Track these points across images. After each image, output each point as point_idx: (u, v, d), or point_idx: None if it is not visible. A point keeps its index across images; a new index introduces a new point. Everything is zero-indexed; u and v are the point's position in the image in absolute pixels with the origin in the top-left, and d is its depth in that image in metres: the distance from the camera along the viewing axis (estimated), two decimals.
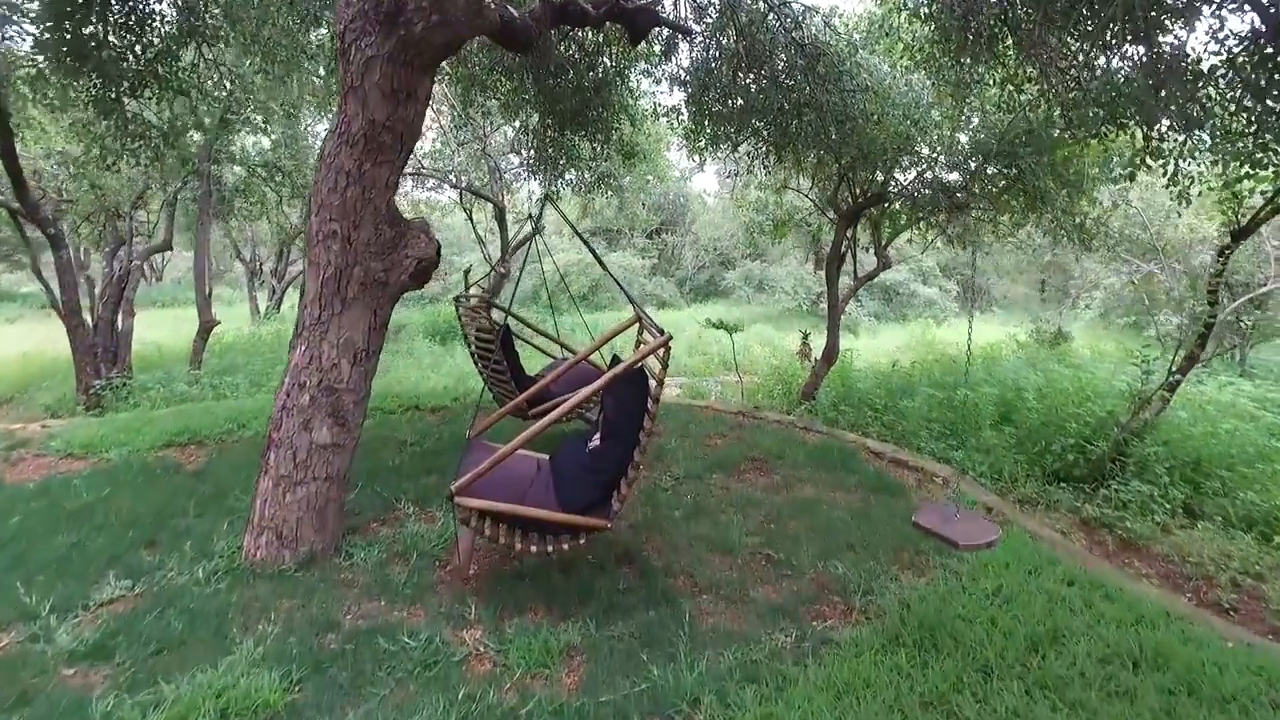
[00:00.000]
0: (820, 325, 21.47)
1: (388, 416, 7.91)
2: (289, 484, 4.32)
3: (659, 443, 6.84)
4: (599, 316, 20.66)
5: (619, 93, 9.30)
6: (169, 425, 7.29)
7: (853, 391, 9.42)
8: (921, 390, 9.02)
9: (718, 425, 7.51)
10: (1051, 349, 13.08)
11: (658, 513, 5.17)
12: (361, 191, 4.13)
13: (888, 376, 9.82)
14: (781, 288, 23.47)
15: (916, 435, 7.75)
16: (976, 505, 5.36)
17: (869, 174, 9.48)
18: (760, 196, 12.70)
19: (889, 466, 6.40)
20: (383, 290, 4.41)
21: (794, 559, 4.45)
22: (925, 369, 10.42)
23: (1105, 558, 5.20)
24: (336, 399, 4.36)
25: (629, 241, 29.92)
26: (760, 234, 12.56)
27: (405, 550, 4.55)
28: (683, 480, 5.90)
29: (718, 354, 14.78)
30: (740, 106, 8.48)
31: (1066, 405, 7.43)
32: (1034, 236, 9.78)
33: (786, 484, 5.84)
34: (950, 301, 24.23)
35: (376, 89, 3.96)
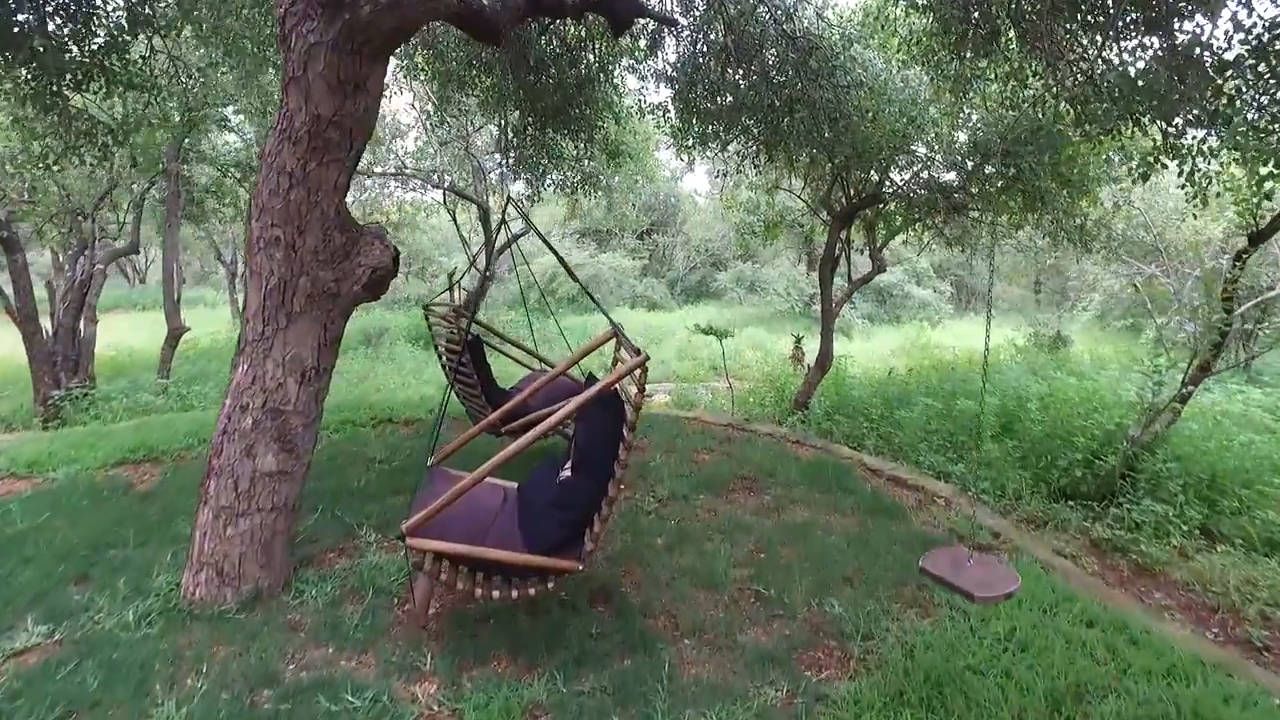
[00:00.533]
0: (813, 327, 21.13)
1: (358, 430, 7.50)
2: (230, 516, 3.91)
3: (642, 460, 6.46)
4: (587, 320, 20.24)
5: (603, 90, 8.91)
6: (124, 440, 6.87)
7: (847, 400, 9.06)
8: (919, 399, 8.67)
9: (706, 439, 7.13)
10: (1051, 354, 12.73)
11: (639, 540, 4.78)
12: (307, 194, 3.73)
13: (884, 384, 9.46)
14: (774, 289, 23.12)
15: (914, 448, 7.40)
16: (979, 535, 4.99)
17: (863, 174, 9.12)
18: (751, 197, 12.32)
19: (887, 485, 6.03)
20: (333, 302, 4.02)
21: (786, 595, 4.06)
22: (922, 376, 10.06)
23: (1120, 584, 4.84)
24: (283, 422, 3.96)
25: (619, 242, 29.53)
26: (751, 235, 12.17)
27: (362, 585, 4.16)
28: (667, 502, 5.52)
29: (708, 359, 14.41)
30: (729, 103, 8.11)
31: (1072, 417, 7.07)
32: (1034, 239, 9.42)
33: (778, 505, 5.47)
34: (944, 303, 23.92)
35: (321, 80, 3.56)
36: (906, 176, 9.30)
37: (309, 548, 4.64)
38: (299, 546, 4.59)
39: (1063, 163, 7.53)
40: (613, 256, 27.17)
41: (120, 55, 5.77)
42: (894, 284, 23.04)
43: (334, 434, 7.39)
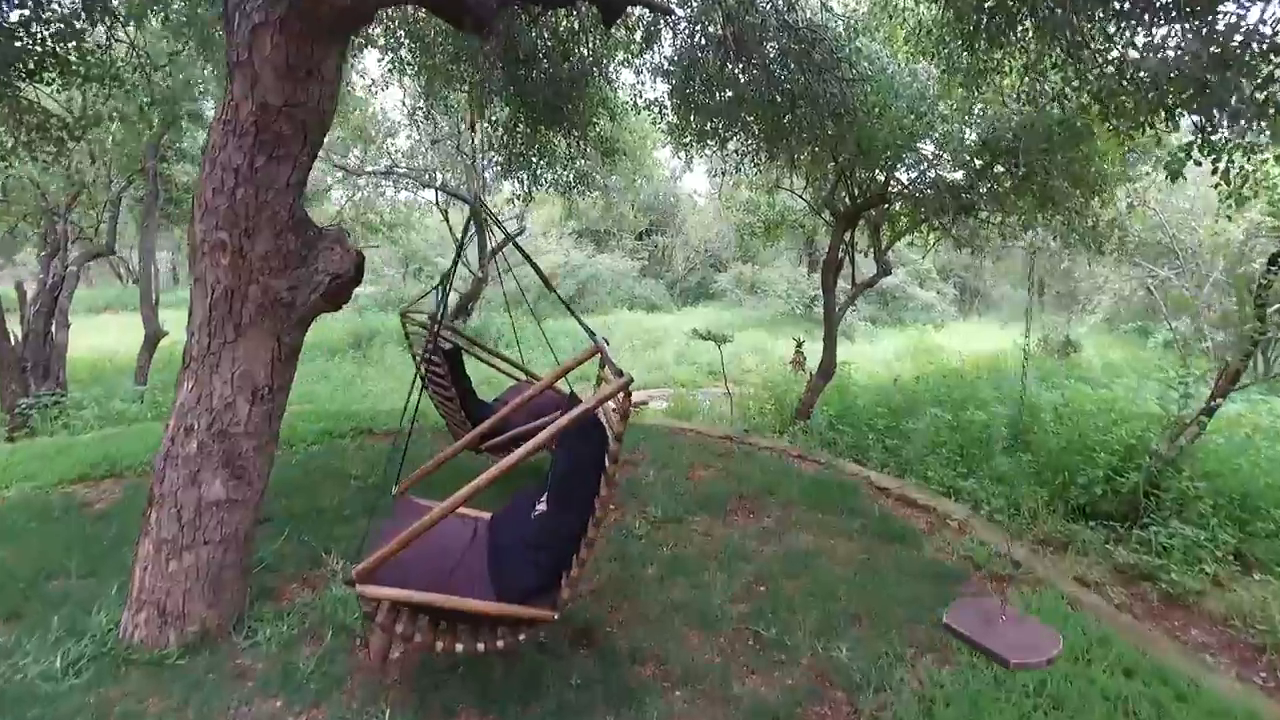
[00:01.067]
0: (814, 329, 20.76)
1: (336, 443, 7.12)
2: (174, 549, 3.53)
3: (635, 476, 6.07)
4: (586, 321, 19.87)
5: (596, 85, 8.53)
6: (88, 453, 6.50)
7: (851, 409, 8.67)
8: (926, 409, 8.29)
9: (703, 452, 6.75)
10: (1061, 359, 12.35)
11: (627, 570, 4.40)
12: (255, 193, 3.35)
13: (889, 392, 9.06)
14: (774, 291, 22.72)
15: (922, 461, 7.01)
16: (998, 563, 4.60)
17: (868, 173, 8.74)
18: (751, 197, 11.94)
19: (896, 505, 5.65)
20: (288, 313, 3.62)
21: (788, 636, 3.68)
22: (929, 384, 9.67)
23: (1150, 617, 4.46)
24: (231, 445, 3.57)
25: (618, 243, 29.15)
26: (751, 236, 11.80)
27: (322, 622, 3.77)
28: (660, 524, 5.13)
29: (707, 363, 14.03)
30: (728, 99, 7.73)
31: (1089, 429, 6.68)
32: (1049, 241, 9.03)
33: (780, 529, 5.08)
34: (947, 305, 23.53)
35: (268, 65, 3.17)
36: (913, 176, 8.93)
37: (268, 578, 4.26)
38: (258, 576, 4.20)
39: (1078, 160, 7.15)
40: (611, 257, 26.80)
41: (77, 44, 5.39)
42: (897, 286, 22.65)
43: (312, 446, 7.02)
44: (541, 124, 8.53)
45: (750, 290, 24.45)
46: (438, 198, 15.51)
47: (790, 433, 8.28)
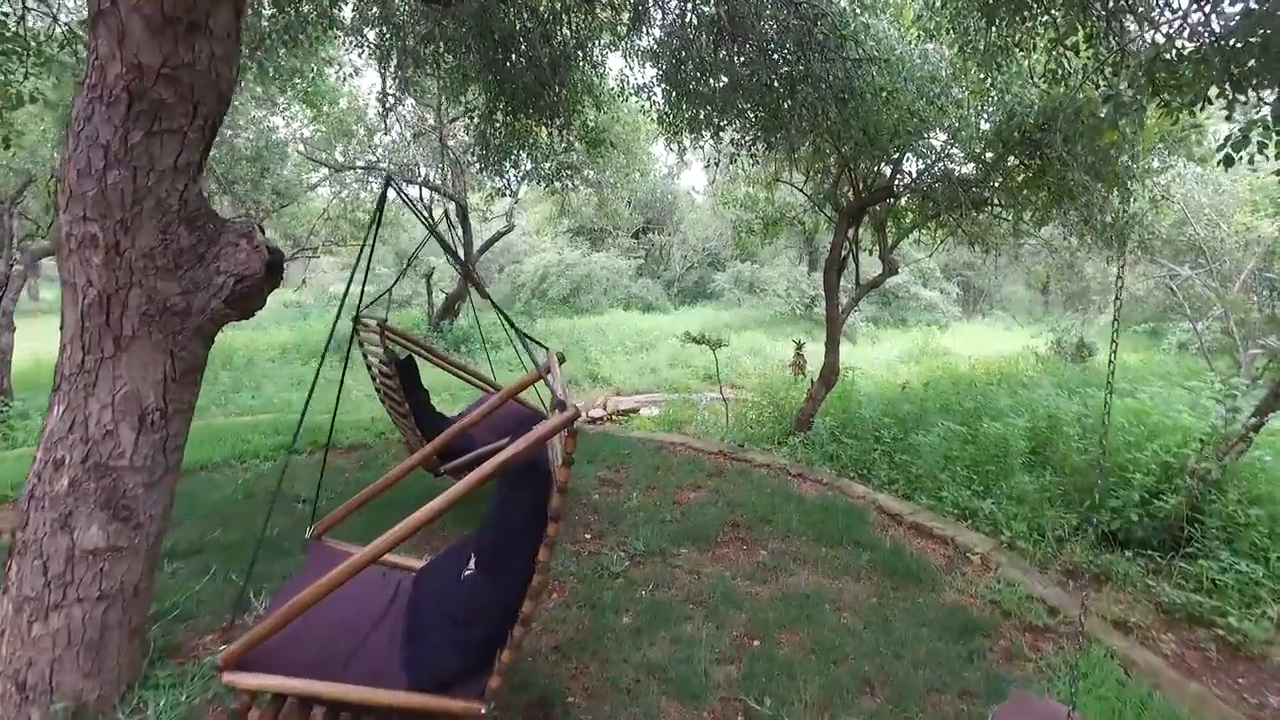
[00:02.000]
0: (815, 330, 20.14)
1: (293, 459, 6.48)
2: (39, 609, 2.90)
3: (616, 499, 5.45)
4: (576, 323, 19.24)
5: (580, 70, 7.91)
6: (6, 473, 5.88)
7: (855, 419, 8.03)
8: (937, 420, 7.66)
9: (693, 471, 6.12)
10: (1076, 363, 11.71)
11: (599, 620, 3.77)
12: (132, 176, 2.72)
13: (896, 401, 8.42)
14: (774, 290, 22.07)
15: (934, 479, 6.38)
16: (1033, 611, 3.96)
17: (874, 164, 8.12)
18: (749, 192, 11.31)
19: (908, 535, 5.02)
20: (181, 322, 2.99)
21: (785, 710, 3.05)
22: (938, 391, 9.04)
23: (1209, 671, 3.84)
24: (113, 482, 2.94)
25: (614, 241, 28.51)
26: (749, 233, 11.16)
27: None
28: (641, 559, 4.51)
29: (702, 366, 13.40)
30: (723, 85, 7.12)
31: (1119, 445, 6.05)
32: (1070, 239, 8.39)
33: (777, 565, 4.45)
34: (951, 305, 22.89)
35: (137, 15, 2.55)
36: (921, 168, 8.31)
37: (178, 631, 3.63)
38: (165, 628, 3.59)
39: (1102, 149, 6.53)
40: (606, 256, 26.17)
41: None
42: (900, 286, 22.03)
43: (264, 463, 6.40)
44: (521, 112, 7.91)
45: (749, 290, 23.81)
46: (421, 194, 14.89)
47: (790, 445, 7.66)
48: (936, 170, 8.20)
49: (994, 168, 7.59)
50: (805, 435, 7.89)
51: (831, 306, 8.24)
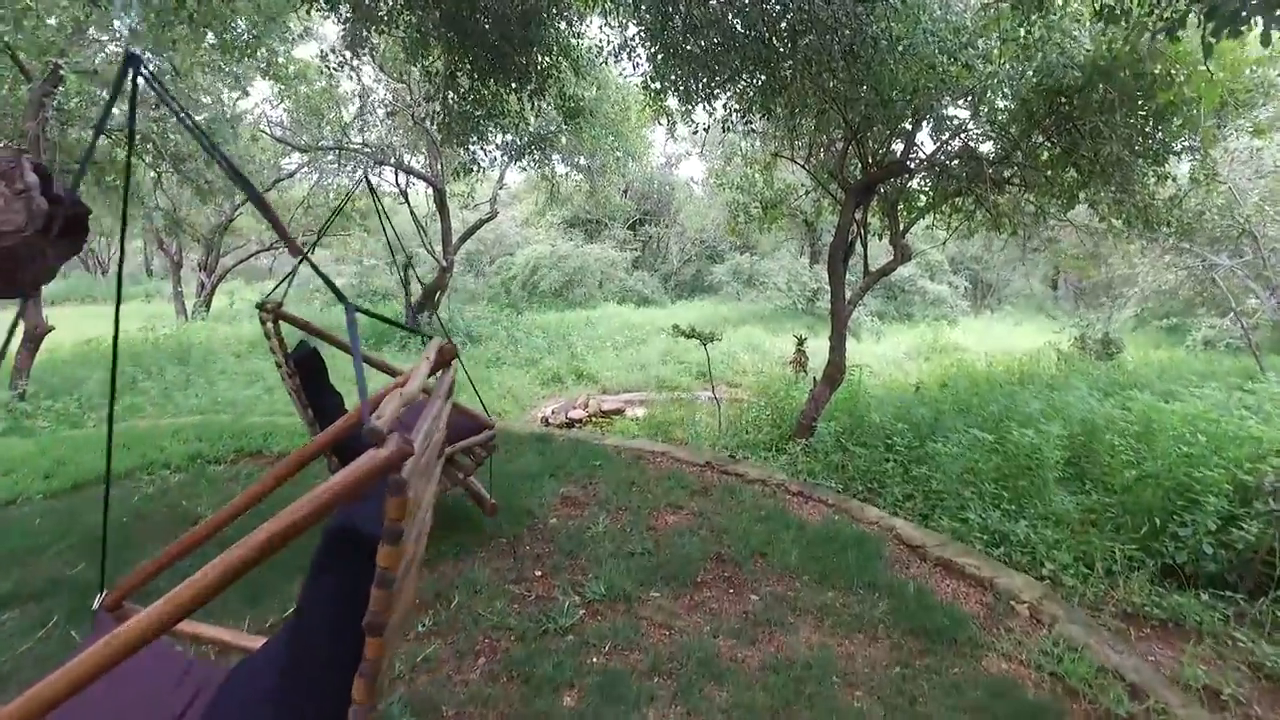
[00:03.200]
0: (817, 325, 19.13)
1: (208, 469, 5.57)
2: None
3: (580, 523, 4.53)
4: (566, 316, 18.30)
5: (553, 28, 6.99)
6: None
7: (864, 424, 7.11)
8: (956, 425, 6.75)
9: (674, 487, 5.19)
10: (1104, 361, 10.75)
11: (532, 703, 2.84)
12: None
13: (910, 404, 7.48)
14: (774, 283, 21.09)
15: (957, 497, 5.46)
16: (1112, 696, 3.04)
17: (885, 134, 7.21)
18: (746, 173, 10.36)
19: (935, 574, 4.09)
20: None
21: None
22: (954, 391, 8.11)
23: None
24: None
25: (609, 233, 27.54)
26: (746, 217, 10.20)
27: None
28: (599, 607, 3.58)
29: (696, 363, 12.46)
30: (715, 45, 6.21)
31: (1175, 459, 5.12)
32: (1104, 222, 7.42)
33: (770, 617, 3.52)
34: (960, 299, 21.92)
35: None
36: (938, 142, 7.39)
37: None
38: None
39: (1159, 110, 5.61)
40: (601, 248, 25.18)
41: None
42: (906, 278, 21.06)
43: (173, 475, 5.47)
44: (489, 76, 6.98)
45: (748, 283, 22.83)
46: (397, 178, 13.96)
47: (789, 454, 6.74)
48: (954, 145, 7.30)
49: (1020, 142, 6.69)
50: (807, 442, 6.97)
51: (837, 298, 7.30)
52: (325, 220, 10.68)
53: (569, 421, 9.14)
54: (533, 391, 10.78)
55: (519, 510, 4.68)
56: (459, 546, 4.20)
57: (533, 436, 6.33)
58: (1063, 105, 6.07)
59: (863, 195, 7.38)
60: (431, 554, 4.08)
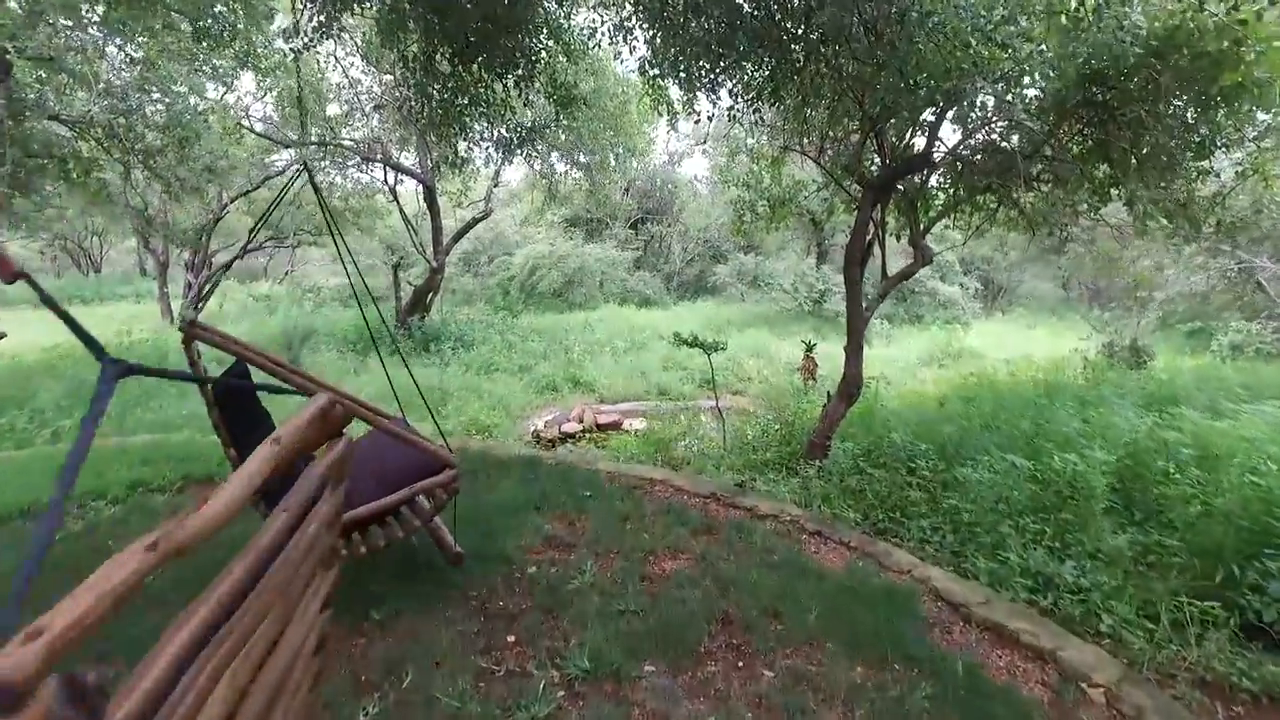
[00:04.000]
0: (824, 328, 18.49)
1: (148, 499, 4.95)
2: None
3: (564, 571, 3.89)
4: (566, 319, 17.66)
5: (542, 8, 6.37)
6: None
7: (883, 443, 6.47)
8: (987, 444, 6.13)
9: (675, 524, 4.55)
10: (1135, 370, 10.08)
11: None
12: None
13: (933, 423, 6.84)
14: (779, 285, 20.42)
15: (993, 531, 4.82)
16: None
17: (907, 124, 6.57)
18: (753, 169, 9.72)
19: (983, 641, 3.44)
20: None
21: None
22: (983, 408, 7.45)
23: None
24: None
25: (610, 232, 26.88)
26: (753, 216, 9.56)
27: None
28: (582, 687, 2.95)
29: (699, 369, 11.82)
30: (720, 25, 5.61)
31: (1250, 494, 4.48)
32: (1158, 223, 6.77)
33: (789, 702, 2.88)
34: (971, 301, 21.23)
35: None
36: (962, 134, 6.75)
37: None
38: None
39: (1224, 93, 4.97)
40: (601, 247, 24.52)
41: None
42: (916, 280, 20.31)
43: (108, 507, 4.85)
44: (471, 61, 6.35)
45: (753, 284, 22.15)
46: (386, 175, 13.34)
47: (801, 477, 6.11)
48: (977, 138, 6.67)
49: (1052, 133, 6.06)
50: (821, 463, 6.34)
51: (854, 304, 6.67)
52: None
53: (562, 435, 8.52)
54: (525, 401, 10.15)
55: (494, 555, 4.06)
56: (420, 601, 3.58)
57: (518, 461, 5.70)
58: (1101, 94, 5.45)
59: (881, 192, 6.74)
60: (387, 613, 3.46)
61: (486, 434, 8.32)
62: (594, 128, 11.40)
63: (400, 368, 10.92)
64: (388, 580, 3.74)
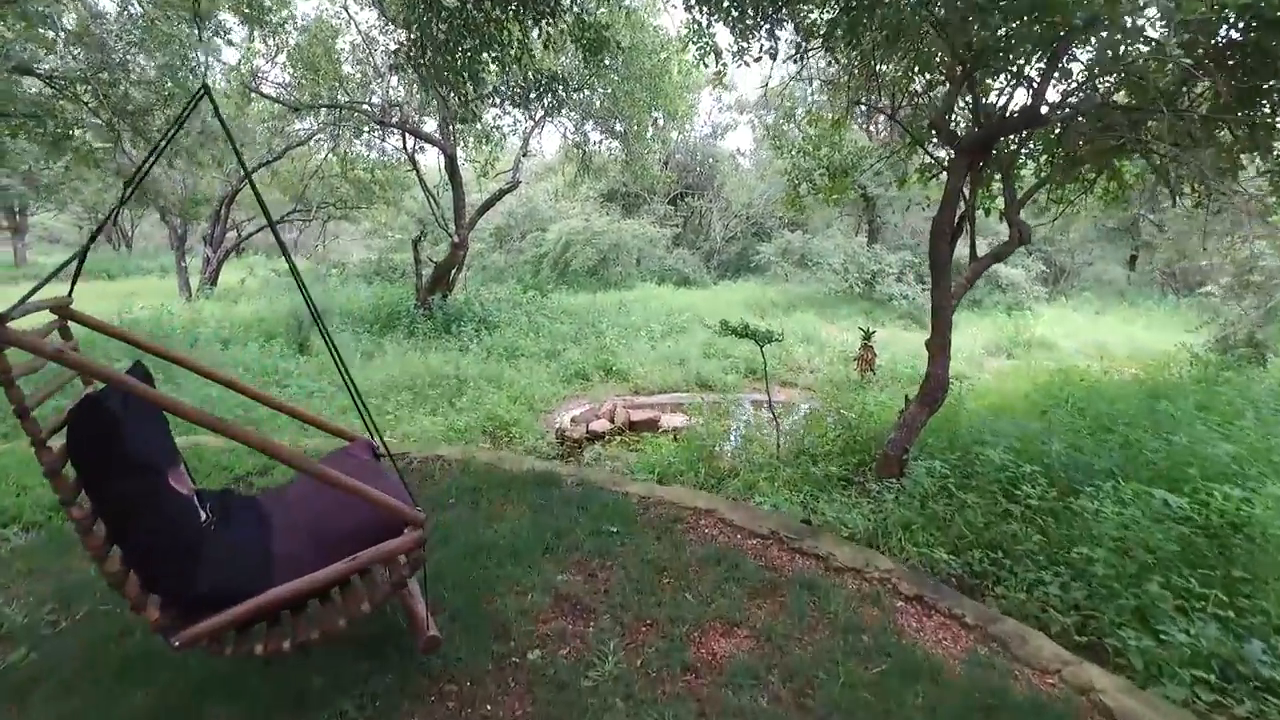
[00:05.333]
0: (876, 312, 17.13)
1: (66, 526, 4.01)
2: None
3: (578, 658, 2.86)
4: (598, 299, 16.58)
5: None
6: None
7: (971, 459, 5.33)
8: (1103, 466, 5.00)
9: (726, 579, 3.49)
10: (1257, 368, 8.72)
11: None
12: None
13: (1033, 435, 5.64)
14: (828, 264, 19.06)
15: (1139, 592, 3.69)
16: None
17: (1014, 73, 5.38)
18: (810, 134, 8.54)
19: None
20: None
21: None
22: (1094, 415, 6.25)
23: None
24: None
25: (649, 208, 25.68)
26: (811, 188, 8.38)
27: None
28: None
29: (744, 358, 10.70)
30: None
31: None
32: None
33: None
34: (1033, 283, 19.68)
35: None
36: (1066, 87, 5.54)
37: None
38: None
39: None
40: (639, 223, 23.34)
41: None
42: None
43: (16, 536, 3.94)
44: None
45: (799, 264, 20.78)
46: (406, 143, 12.33)
47: (874, 498, 5.03)
48: (1105, 83, 5.44)
49: (1184, 85, 4.87)
50: (898, 482, 5.23)
51: (941, 289, 5.53)
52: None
53: (590, 435, 7.48)
54: (551, 392, 9.12)
55: (485, 624, 3.04)
56: (377, 703, 2.58)
57: (530, 479, 4.67)
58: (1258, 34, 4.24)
59: (977, 155, 5.55)
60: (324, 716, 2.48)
61: (505, 433, 7.32)
62: (629, 87, 10.26)
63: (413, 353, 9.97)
64: (332, 662, 2.75)
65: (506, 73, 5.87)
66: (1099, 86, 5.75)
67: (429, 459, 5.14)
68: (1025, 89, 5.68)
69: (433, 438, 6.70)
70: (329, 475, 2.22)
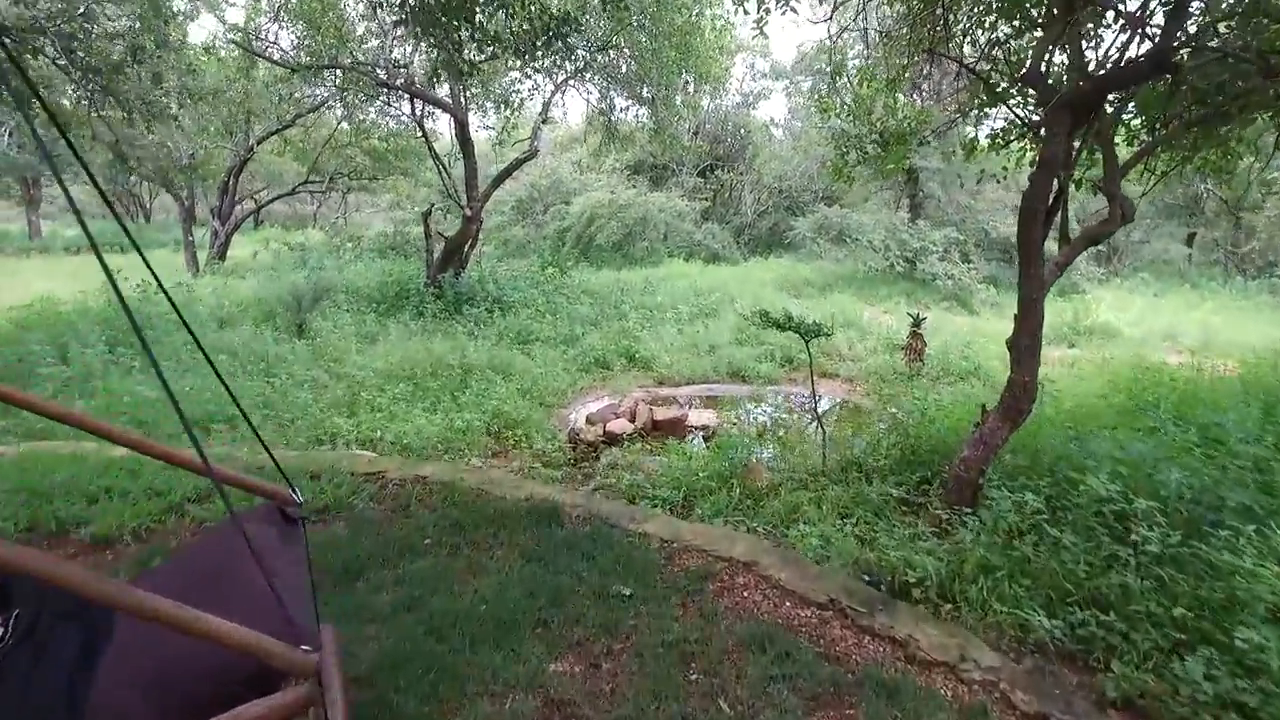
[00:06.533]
0: (919, 293, 16.02)
1: None
2: None
3: None
4: (622, 277, 15.65)
5: None
6: None
7: (1063, 485, 4.38)
8: (1236, 500, 4.05)
9: (770, 675, 2.61)
10: None
11: None
12: None
13: (1144, 456, 4.64)
14: (867, 241, 17.86)
15: None
16: None
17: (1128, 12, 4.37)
18: (860, 95, 7.49)
19: None
20: None
21: None
22: (1199, 423, 5.25)
23: None
24: None
25: (677, 180, 24.59)
26: (861, 156, 7.35)
27: None
28: None
29: (780, 346, 9.74)
30: None
31: None
32: None
33: None
34: (1091, 265, 18.40)
35: None
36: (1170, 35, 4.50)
37: None
38: None
39: None
40: (667, 196, 22.28)
41: None
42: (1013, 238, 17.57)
43: None
44: None
45: (836, 240, 19.56)
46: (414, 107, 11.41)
47: (943, 533, 4.12)
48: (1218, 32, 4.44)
49: None
50: (973, 511, 4.31)
51: (1031, 277, 4.57)
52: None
53: (607, 437, 6.61)
54: (567, 383, 8.25)
55: None
56: None
57: (526, 514, 3.80)
58: None
59: (1080, 117, 4.55)
60: None
61: (510, 434, 6.46)
62: (657, 46, 9.26)
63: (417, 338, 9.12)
64: None
65: (508, 13, 4.92)
66: (1220, 31, 4.78)
67: (408, 480, 4.29)
68: (1139, 33, 4.66)
69: (426, 441, 5.85)
70: (158, 611, 1.35)
